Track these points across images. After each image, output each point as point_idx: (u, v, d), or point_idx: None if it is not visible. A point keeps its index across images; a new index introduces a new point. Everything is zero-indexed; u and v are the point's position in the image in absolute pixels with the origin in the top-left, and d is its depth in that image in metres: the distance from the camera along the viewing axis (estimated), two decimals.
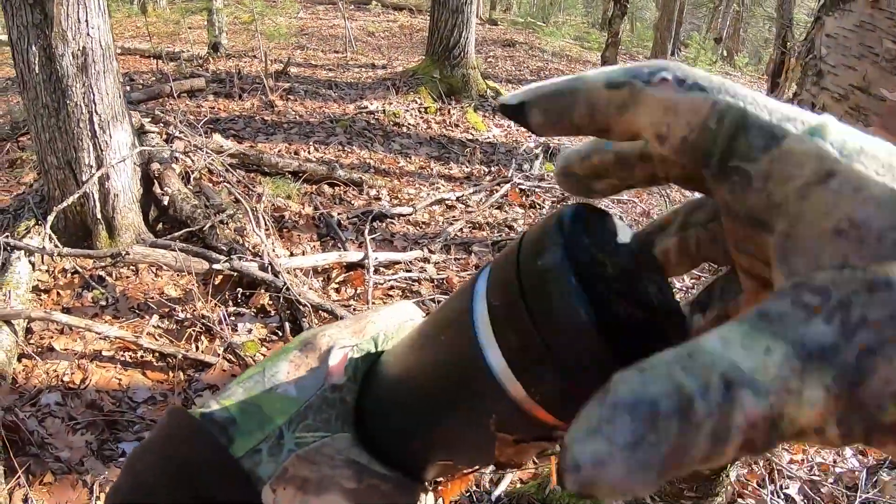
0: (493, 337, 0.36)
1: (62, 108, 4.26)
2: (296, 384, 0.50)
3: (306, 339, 0.52)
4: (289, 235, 5.00)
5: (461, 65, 8.68)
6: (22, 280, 4.15)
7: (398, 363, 0.49)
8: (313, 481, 0.47)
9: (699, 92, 0.26)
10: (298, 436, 0.48)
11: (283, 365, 0.51)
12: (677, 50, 15.73)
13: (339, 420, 0.48)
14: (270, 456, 0.47)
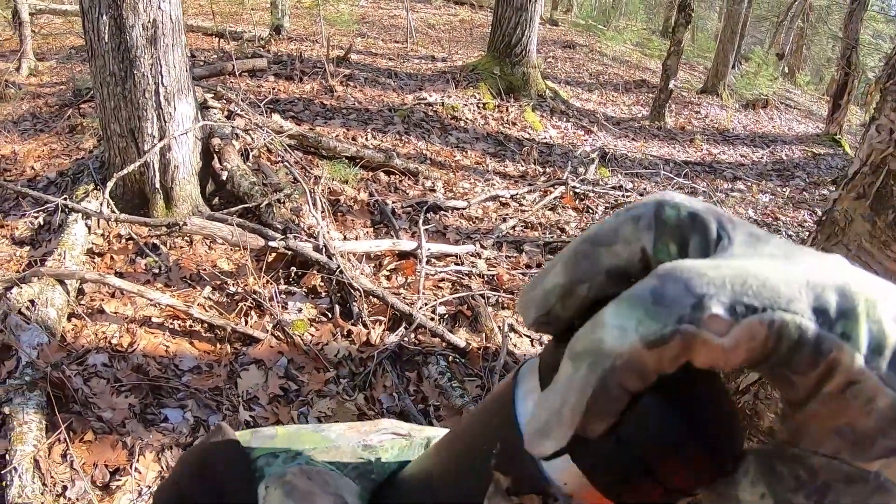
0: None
1: (129, 78, 4.30)
2: (339, 435, 0.58)
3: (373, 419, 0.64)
4: (343, 219, 4.99)
5: (522, 63, 8.62)
6: (77, 242, 4.20)
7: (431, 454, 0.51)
8: (300, 491, 0.51)
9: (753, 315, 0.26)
10: (311, 458, 0.55)
11: (340, 426, 0.60)
12: (738, 63, 15.48)
13: (355, 472, 0.54)
14: (283, 462, 0.54)
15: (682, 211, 0.31)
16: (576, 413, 0.28)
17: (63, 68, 8.64)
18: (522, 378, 0.42)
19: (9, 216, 4.77)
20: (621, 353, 0.27)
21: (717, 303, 0.26)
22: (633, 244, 0.32)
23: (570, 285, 0.34)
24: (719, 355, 0.26)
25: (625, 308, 0.27)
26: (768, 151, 10.10)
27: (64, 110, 6.72)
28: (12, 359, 3.38)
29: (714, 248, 0.30)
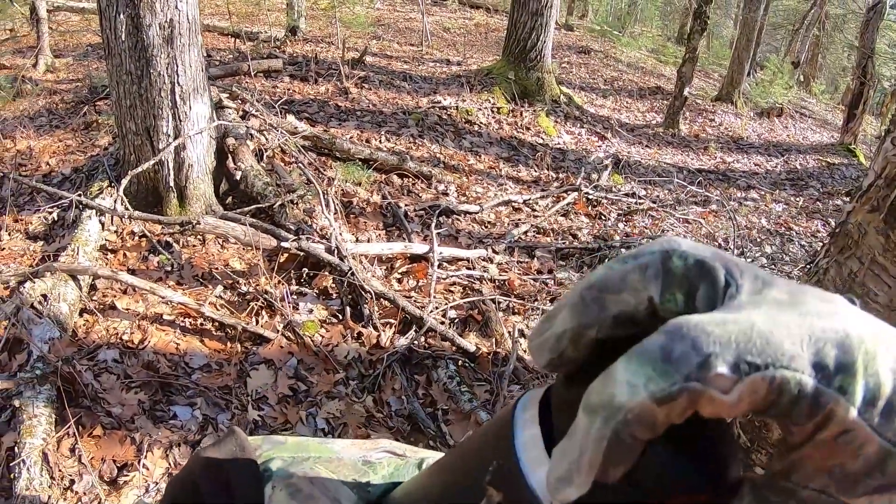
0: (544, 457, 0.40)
1: (145, 77, 4.31)
2: (343, 448, 0.64)
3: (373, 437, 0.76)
4: (355, 221, 5.00)
5: (536, 68, 8.61)
6: (91, 238, 4.22)
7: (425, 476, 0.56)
8: (304, 495, 0.56)
9: (756, 373, 0.28)
10: (317, 466, 0.60)
11: (344, 441, 0.66)
12: (753, 71, 15.43)
13: (354, 483, 0.59)
14: (289, 467, 0.59)
15: (689, 260, 0.32)
16: (594, 462, 0.30)
17: (79, 65, 8.69)
18: (523, 407, 0.45)
19: (23, 211, 4.80)
20: (632, 408, 0.28)
21: (721, 362, 0.27)
22: (640, 293, 0.33)
23: (580, 329, 0.35)
24: (724, 409, 0.28)
25: (635, 365, 0.29)
26: (782, 160, 10.06)
27: (79, 107, 6.75)
28: (24, 352, 3.40)
29: (723, 295, 0.32)
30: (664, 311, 0.32)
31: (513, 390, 3.71)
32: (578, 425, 0.31)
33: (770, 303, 0.30)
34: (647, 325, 0.32)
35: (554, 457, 0.33)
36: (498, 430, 0.47)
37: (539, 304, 4.40)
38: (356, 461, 0.62)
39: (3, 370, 3.34)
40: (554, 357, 0.36)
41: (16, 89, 7.24)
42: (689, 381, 0.27)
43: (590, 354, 0.35)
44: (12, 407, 3.08)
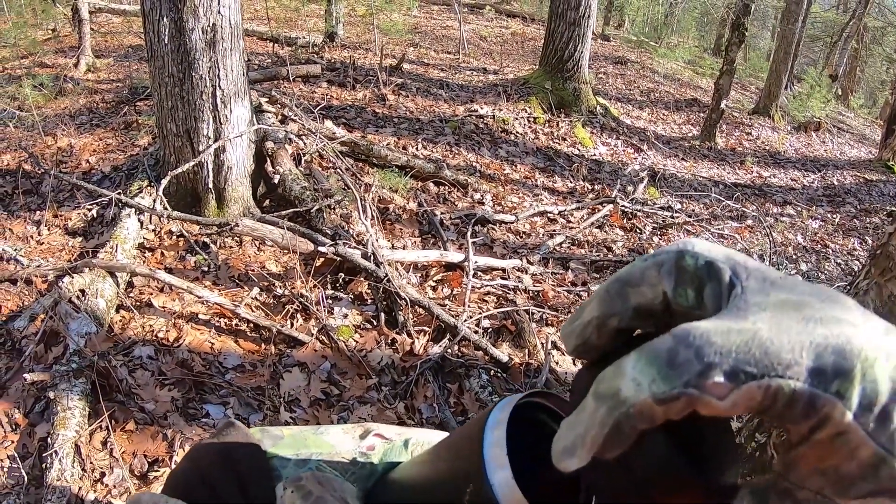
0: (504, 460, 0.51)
1: (187, 80, 4.35)
2: (337, 440, 0.69)
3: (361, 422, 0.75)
4: (391, 228, 5.00)
5: (573, 78, 8.58)
6: (129, 236, 4.27)
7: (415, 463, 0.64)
8: (314, 496, 0.61)
9: (752, 381, 0.30)
10: (320, 465, 0.65)
11: (336, 428, 0.72)
12: (791, 84, 15.25)
13: (353, 476, 0.66)
14: (295, 466, 0.65)
15: (699, 260, 0.36)
16: (595, 442, 0.33)
17: (120, 66, 8.80)
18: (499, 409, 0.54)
19: (63, 207, 4.86)
20: (634, 403, 0.31)
21: (720, 371, 0.30)
22: (656, 287, 0.37)
23: (604, 318, 0.39)
24: (719, 412, 0.30)
25: (643, 364, 0.32)
26: (819, 176, 9.91)
27: (120, 107, 6.83)
28: (60, 345, 3.44)
29: (727, 294, 0.34)
30: (676, 305, 0.36)
31: None
32: (587, 406, 0.34)
33: (775, 306, 0.32)
34: (663, 317, 0.37)
35: (562, 428, 0.36)
36: (473, 428, 0.56)
37: None
38: (354, 455, 0.69)
39: (39, 362, 3.38)
40: (580, 343, 0.40)
41: (58, 88, 7.33)
42: (689, 386, 0.30)
43: (612, 343, 0.39)
44: (46, 398, 3.12)
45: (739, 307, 0.33)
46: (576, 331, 0.40)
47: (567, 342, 0.42)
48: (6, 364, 3.42)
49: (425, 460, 0.63)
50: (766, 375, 0.30)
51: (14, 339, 3.55)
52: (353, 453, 0.69)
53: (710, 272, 0.35)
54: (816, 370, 0.30)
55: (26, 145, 5.79)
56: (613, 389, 0.32)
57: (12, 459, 2.93)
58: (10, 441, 3.03)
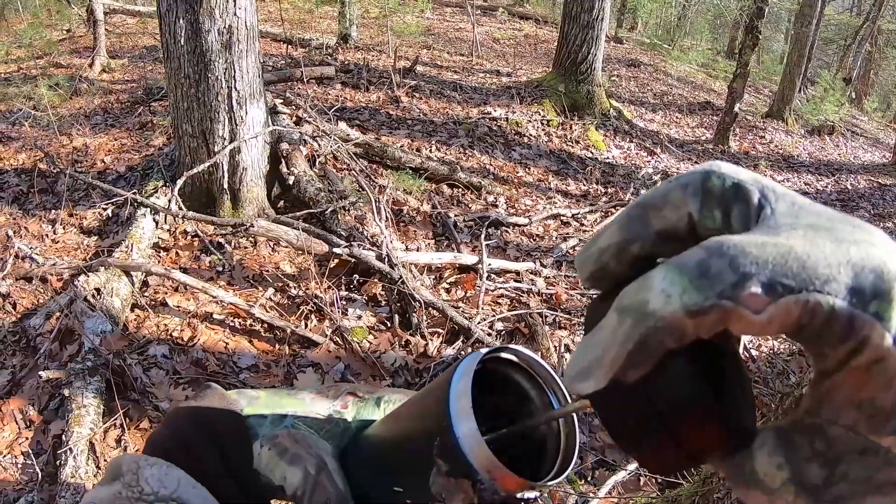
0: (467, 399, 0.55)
1: (203, 81, 4.37)
2: (311, 400, 0.71)
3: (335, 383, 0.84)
4: (405, 230, 5.00)
5: (587, 81, 8.56)
6: (145, 236, 4.28)
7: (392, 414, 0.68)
8: (289, 452, 0.65)
9: (790, 295, 0.28)
10: (296, 423, 0.67)
11: (310, 389, 0.73)
12: (805, 87, 15.16)
13: (327, 433, 0.68)
14: (272, 424, 0.67)
15: (727, 181, 0.34)
16: (616, 361, 0.31)
17: (135, 67, 8.83)
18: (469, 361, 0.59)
19: (78, 206, 4.89)
20: (664, 315, 0.29)
21: (756, 282, 0.28)
22: (680, 209, 0.35)
23: (623, 244, 0.37)
24: (754, 328, 0.29)
25: (672, 274, 0.30)
26: (833, 180, 9.84)
27: (135, 107, 6.86)
28: (75, 343, 3.46)
29: (756, 216, 0.33)
30: (702, 228, 0.34)
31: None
32: (607, 324, 0.32)
33: (806, 227, 0.31)
34: (687, 243, 0.34)
35: (576, 351, 0.34)
36: (440, 382, 0.58)
37: None
38: (329, 413, 0.71)
39: (54, 360, 3.40)
40: (596, 270, 0.38)
41: (73, 88, 7.36)
42: (723, 297, 0.28)
43: (631, 271, 0.37)
44: (61, 396, 3.13)
45: (770, 226, 0.32)
46: (592, 257, 0.38)
47: (582, 269, 0.39)
48: (21, 361, 3.45)
49: (397, 416, 0.67)
50: (805, 289, 0.28)
51: (29, 337, 3.57)
52: (327, 411, 0.70)
53: (737, 193, 0.34)
54: (855, 289, 0.28)
55: (42, 145, 5.82)
56: (639, 302, 0.30)
57: (27, 456, 2.95)
58: (25, 438, 3.05)
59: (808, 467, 0.31)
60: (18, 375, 3.34)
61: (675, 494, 2.64)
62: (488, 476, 0.54)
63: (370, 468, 0.67)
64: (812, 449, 0.31)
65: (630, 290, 0.32)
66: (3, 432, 3.06)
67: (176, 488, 0.59)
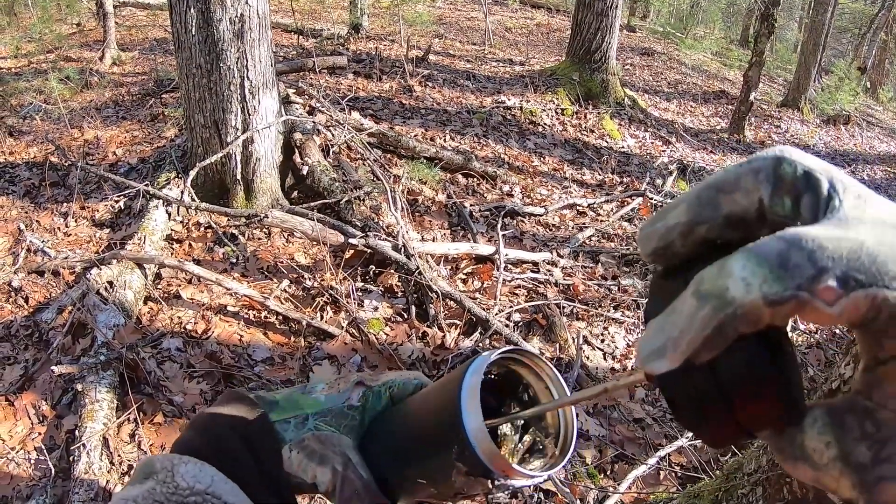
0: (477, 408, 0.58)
1: (215, 71, 4.31)
2: (326, 396, 0.75)
3: (343, 375, 0.72)
4: (420, 220, 4.94)
5: (601, 70, 8.47)
6: (157, 228, 4.25)
7: (407, 407, 0.73)
8: (318, 454, 0.69)
9: (860, 290, 0.29)
10: (317, 423, 0.71)
11: (320, 384, 0.76)
12: (819, 76, 15.00)
13: (346, 428, 0.72)
14: (295, 428, 0.71)
15: (798, 169, 0.34)
16: (692, 344, 0.32)
17: (145, 59, 8.81)
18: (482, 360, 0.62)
19: (90, 199, 4.85)
20: (743, 304, 0.30)
21: (832, 276, 0.29)
22: (752, 194, 0.35)
23: (692, 224, 0.37)
24: (825, 319, 0.30)
25: (752, 264, 0.30)
26: (849, 171, 9.70)
27: (146, 99, 6.82)
28: (88, 337, 3.44)
29: (825, 207, 0.33)
30: (772, 215, 0.35)
31: None
32: (684, 307, 0.32)
33: (874, 221, 0.32)
34: (753, 228, 0.36)
35: (649, 331, 0.35)
36: (452, 378, 0.62)
37: (603, 311, 4.29)
38: (342, 407, 0.73)
39: (67, 354, 3.38)
40: (660, 247, 0.39)
41: (83, 81, 7.34)
42: (801, 289, 0.29)
43: (695, 251, 0.38)
44: (74, 390, 3.11)
45: (840, 219, 0.32)
46: (658, 233, 0.39)
47: (646, 244, 0.40)
48: (34, 355, 3.42)
49: (411, 413, 0.72)
50: (875, 285, 0.29)
51: (42, 331, 3.54)
52: (342, 405, 0.74)
53: (808, 182, 0.34)
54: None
55: (53, 138, 5.79)
56: (720, 289, 0.31)
57: (39, 451, 2.93)
58: (38, 433, 3.03)
59: (857, 447, 0.32)
60: (31, 370, 3.32)
61: (697, 490, 2.60)
62: (503, 473, 0.60)
63: (389, 457, 0.71)
64: (861, 430, 0.32)
65: (709, 275, 0.32)
66: (16, 427, 3.04)
67: (210, 484, 0.61)
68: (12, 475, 2.83)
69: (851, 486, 0.32)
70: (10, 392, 3.20)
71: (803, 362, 4.32)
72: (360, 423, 0.73)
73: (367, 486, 0.69)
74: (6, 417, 3.09)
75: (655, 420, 3.64)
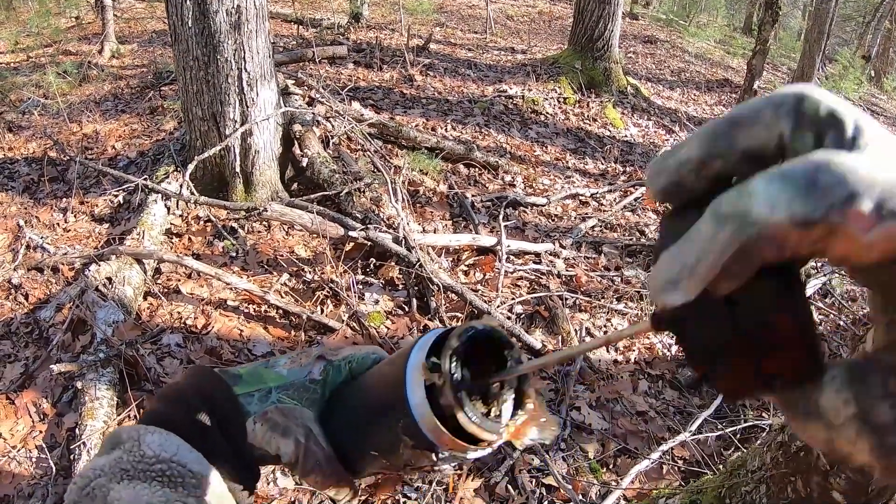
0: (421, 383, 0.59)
1: (212, 63, 4.27)
2: (288, 370, 0.74)
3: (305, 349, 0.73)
4: (421, 211, 4.90)
5: (604, 58, 8.39)
6: (156, 222, 4.22)
7: (362, 381, 0.74)
8: (281, 426, 0.69)
9: (893, 220, 0.27)
10: (280, 396, 0.71)
11: (283, 359, 0.76)
12: (823, 65, 14.89)
13: (308, 401, 0.72)
14: (259, 401, 0.71)
15: (822, 107, 0.32)
16: (711, 270, 0.30)
17: (144, 51, 8.77)
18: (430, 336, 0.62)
19: (89, 193, 4.83)
20: (767, 224, 0.28)
21: (867, 200, 0.27)
22: (772, 129, 0.33)
23: (706, 158, 0.35)
24: (855, 249, 0.28)
25: (777, 183, 0.28)
26: None
27: (145, 92, 6.79)
28: (87, 334, 3.42)
29: (849, 146, 0.31)
30: (792, 152, 0.33)
31: (578, 391, 3.58)
32: (700, 232, 0.31)
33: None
34: (772, 163, 0.33)
35: (661, 262, 0.33)
36: (403, 351, 0.64)
37: (606, 302, 4.25)
38: (304, 381, 0.73)
39: (67, 351, 3.37)
40: (671, 183, 0.36)
41: (81, 74, 7.30)
42: (833, 210, 0.27)
43: (707, 188, 0.35)
44: (74, 388, 3.10)
45: (869, 155, 0.31)
46: (669, 168, 0.36)
47: (654, 179, 0.37)
48: (34, 353, 3.41)
49: (364, 387, 0.73)
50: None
51: (42, 329, 3.52)
52: (304, 379, 0.74)
53: (832, 120, 0.32)
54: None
55: (51, 133, 5.76)
56: (742, 209, 0.29)
57: (40, 450, 2.92)
58: (39, 431, 3.02)
59: (878, 406, 0.31)
60: (32, 367, 3.31)
61: (700, 485, 2.58)
62: (447, 447, 0.61)
63: (347, 430, 0.72)
64: (885, 388, 0.31)
65: (729, 197, 0.30)
66: (17, 426, 3.03)
67: (175, 452, 0.62)
68: (14, 474, 2.82)
69: (869, 449, 0.31)
70: (10, 390, 3.19)
71: None
72: (321, 397, 0.74)
73: (327, 458, 0.71)
74: (7, 416, 3.07)
75: (658, 413, 3.61)
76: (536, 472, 3.06)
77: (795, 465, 1.96)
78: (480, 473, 3.03)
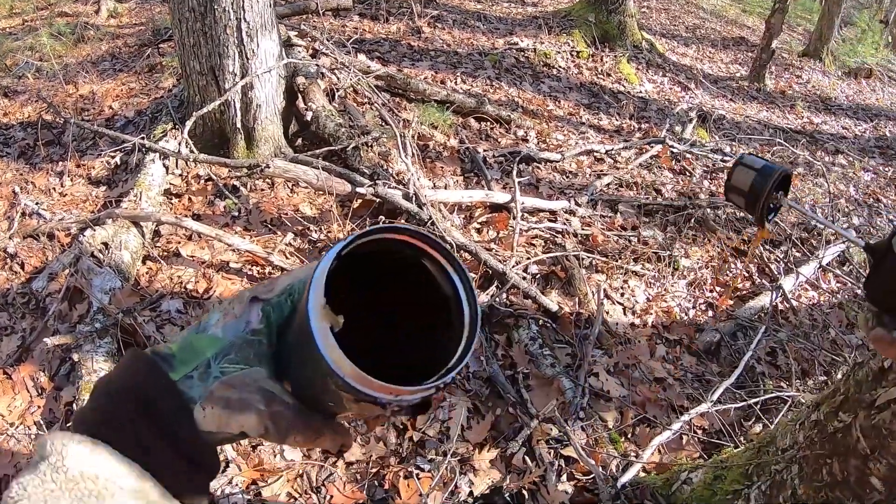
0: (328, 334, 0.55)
1: (209, 13, 4.06)
2: (222, 328, 0.66)
3: (236, 294, 0.67)
4: (431, 166, 4.70)
5: (618, 11, 8.13)
6: (155, 182, 4.08)
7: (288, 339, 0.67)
8: (233, 401, 0.61)
9: None
10: (222, 367, 0.64)
11: (215, 315, 0.67)
12: (840, 28, 14.51)
13: (256, 357, 0.65)
14: (200, 381, 0.63)
15: None
16: None
17: (142, 9, 8.57)
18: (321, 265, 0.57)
19: (85, 156, 4.68)
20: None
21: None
22: None
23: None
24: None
25: None
26: (871, 126, 9.33)
27: (143, 50, 6.58)
28: (84, 302, 3.29)
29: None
30: None
31: (595, 355, 3.42)
32: None
33: None
34: None
35: None
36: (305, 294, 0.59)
37: (623, 263, 4.08)
38: (245, 336, 0.65)
39: (64, 321, 3.26)
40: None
41: (77, 35, 7.09)
42: None
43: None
44: (71, 361, 2.99)
45: None
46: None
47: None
48: (31, 324, 3.31)
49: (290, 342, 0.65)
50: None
51: (38, 299, 3.39)
52: (243, 333, 0.65)
53: None
54: None
55: (47, 95, 5.58)
56: None
57: (39, 427, 2.81)
58: (37, 406, 2.92)
59: None
60: (29, 340, 3.21)
61: (725, 460, 2.45)
62: (389, 394, 0.56)
63: (303, 373, 0.64)
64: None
65: None
66: (15, 402, 2.94)
67: (104, 466, 0.56)
68: (13, 452, 2.73)
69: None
70: (7, 364, 3.09)
71: (826, 323, 4.15)
72: (269, 345, 0.66)
73: (297, 415, 0.63)
74: (5, 391, 2.97)
75: (677, 380, 3.49)
76: (555, 442, 2.91)
77: (832, 447, 1.83)
78: (497, 444, 2.88)
